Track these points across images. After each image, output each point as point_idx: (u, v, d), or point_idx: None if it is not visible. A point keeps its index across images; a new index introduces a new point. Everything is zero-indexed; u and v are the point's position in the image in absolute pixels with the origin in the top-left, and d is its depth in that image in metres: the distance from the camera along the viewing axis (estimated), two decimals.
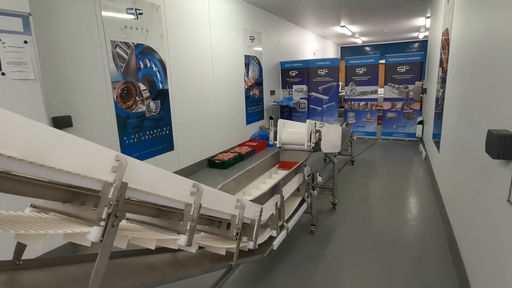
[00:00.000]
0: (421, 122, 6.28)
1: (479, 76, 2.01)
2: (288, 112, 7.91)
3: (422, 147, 5.77)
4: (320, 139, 2.85)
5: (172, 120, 4.37)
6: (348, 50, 16.19)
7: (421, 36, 12.96)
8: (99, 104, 3.30)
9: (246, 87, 6.37)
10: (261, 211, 1.91)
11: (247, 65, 6.34)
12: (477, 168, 1.90)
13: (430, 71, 5.78)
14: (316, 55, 11.61)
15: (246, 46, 6.29)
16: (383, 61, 7.15)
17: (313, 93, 7.64)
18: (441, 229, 2.89)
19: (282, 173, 2.94)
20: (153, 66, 3.98)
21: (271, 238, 2.18)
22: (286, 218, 2.40)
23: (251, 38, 6.46)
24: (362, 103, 7.18)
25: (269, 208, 2.15)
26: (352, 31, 11.11)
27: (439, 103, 3.86)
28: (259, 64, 6.88)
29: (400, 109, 6.81)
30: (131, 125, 3.71)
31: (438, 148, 3.70)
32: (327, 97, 7.52)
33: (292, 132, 3.03)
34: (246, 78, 6.34)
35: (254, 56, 6.61)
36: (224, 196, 1.57)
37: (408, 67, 6.60)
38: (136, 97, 3.75)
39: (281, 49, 8.12)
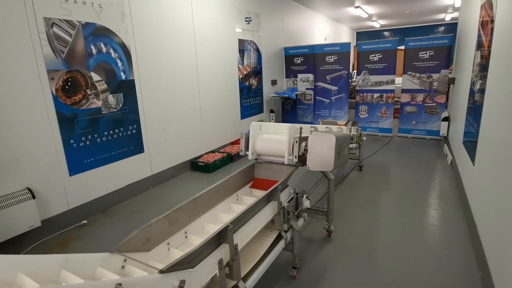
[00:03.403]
0: (446, 119, 5.29)
1: None
2: (291, 105, 7.04)
3: (447, 148, 4.82)
4: (306, 150, 2.05)
5: (141, 116, 3.65)
6: (364, 35, 14.93)
7: (448, 18, 11.60)
8: (29, 99, 2.59)
9: (240, 76, 5.55)
10: (181, 286, 1.16)
11: (241, 51, 5.50)
12: None
13: (460, 57, 4.77)
14: (328, 40, 10.55)
15: (241, 29, 5.44)
16: (402, 47, 6.11)
17: (320, 83, 6.72)
18: (476, 281, 2.05)
19: (256, 195, 2.17)
20: (112, 51, 3.23)
21: None
22: (246, 272, 1.64)
23: (247, 19, 5.60)
24: (376, 95, 6.21)
25: (211, 266, 1.39)
26: (368, 13, 9.96)
27: (475, 97, 2.95)
28: (258, 50, 6.02)
29: (421, 102, 5.81)
30: (81, 125, 3.01)
31: (472, 157, 2.81)
32: (336, 88, 6.59)
33: (270, 140, 2.23)
34: (240, 66, 5.51)
35: (250, 41, 5.75)
36: None
37: (432, 53, 5.55)
38: (87, 90, 3.03)
39: (285, 33, 7.20)
